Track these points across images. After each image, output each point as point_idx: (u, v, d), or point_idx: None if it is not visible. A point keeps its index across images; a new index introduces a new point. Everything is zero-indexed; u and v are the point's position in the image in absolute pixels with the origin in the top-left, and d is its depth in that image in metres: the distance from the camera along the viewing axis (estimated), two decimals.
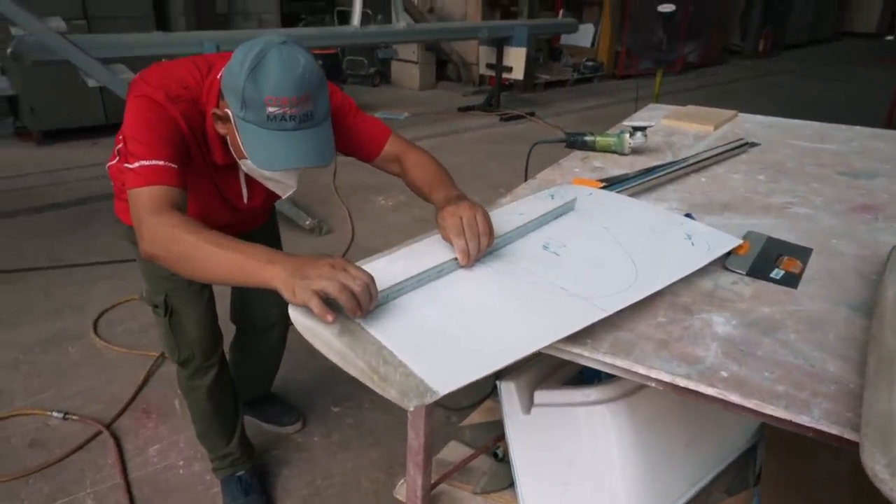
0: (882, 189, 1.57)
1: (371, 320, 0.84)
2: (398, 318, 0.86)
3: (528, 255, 1.05)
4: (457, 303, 0.91)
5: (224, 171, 1.31)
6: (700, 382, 0.83)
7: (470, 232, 1.01)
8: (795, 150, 1.93)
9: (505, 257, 1.04)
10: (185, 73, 1.19)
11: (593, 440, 1.19)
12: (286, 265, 0.86)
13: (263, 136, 1.07)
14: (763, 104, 6.64)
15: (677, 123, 2.20)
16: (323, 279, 0.82)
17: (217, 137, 1.21)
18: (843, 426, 0.74)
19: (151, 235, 1.00)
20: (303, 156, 1.08)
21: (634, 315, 0.97)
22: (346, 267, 0.86)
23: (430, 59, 7.62)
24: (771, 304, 1.02)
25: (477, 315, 0.88)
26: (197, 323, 1.50)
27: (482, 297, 0.93)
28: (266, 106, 1.03)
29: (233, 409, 1.69)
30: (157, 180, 1.05)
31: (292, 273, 0.84)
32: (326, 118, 1.12)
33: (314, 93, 1.06)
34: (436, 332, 0.84)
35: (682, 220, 1.24)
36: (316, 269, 0.84)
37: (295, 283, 0.83)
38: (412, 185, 1.31)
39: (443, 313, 0.88)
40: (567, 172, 1.69)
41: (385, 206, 3.85)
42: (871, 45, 12.15)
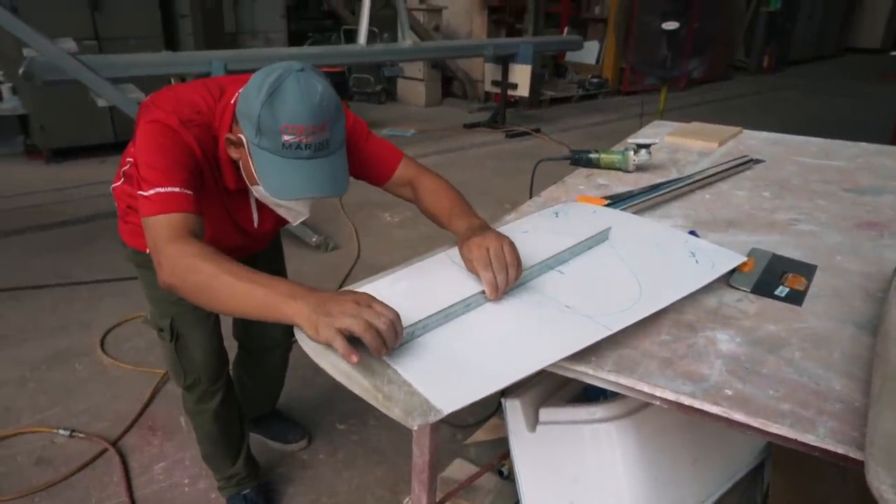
0: (888, 206, 1.57)
1: None
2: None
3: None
4: (457, 321, 0.91)
5: (235, 195, 1.30)
6: (704, 401, 0.82)
7: (498, 264, 0.97)
8: (800, 166, 1.93)
9: None
10: (197, 97, 1.18)
11: (599, 458, 1.18)
12: (309, 301, 0.83)
13: (278, 164, 1.06)
14: (768, 120, 6.65)
15: (681, 140, 2.20)
16: (347, 317, 0.79)
17: (229, 162, 1.21)
18: (848, 445, 0.73)
19: (171, 265, 0.98)
20: (317, 185, 1.07)
21: (639, 333, 0.97)
22: (372, 304, 0.83)
23: (436, 77, 7.68)
24: (776, 322, 1.02)
25: (479, 333, 0.88)
26: (203, 347, 1.49)
27: (483, 315, 0.93)
28: (282, 134, 1.02)
29: (239, 430, 1.69)
30: (173, 208, 1.04)
31: (315, 309, 0.82)
32: (341, 146, 1.11)
33: (331, 121, 1.05)
34: (438, 351, 0.84)
35: (686, 237, 1.24)
36: (340, 305, 0.81)
37: (318, 321, 0.80)
38: (428, 213, 1.28)
39: (443, 331, 0.88)
40: (571, 189, 1.70)
41: (391, 222, 3.87)
42: (875, 61, 12.16)
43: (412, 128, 6.36)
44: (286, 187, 1.08)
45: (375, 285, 1.03)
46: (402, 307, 0.92)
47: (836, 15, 12.62)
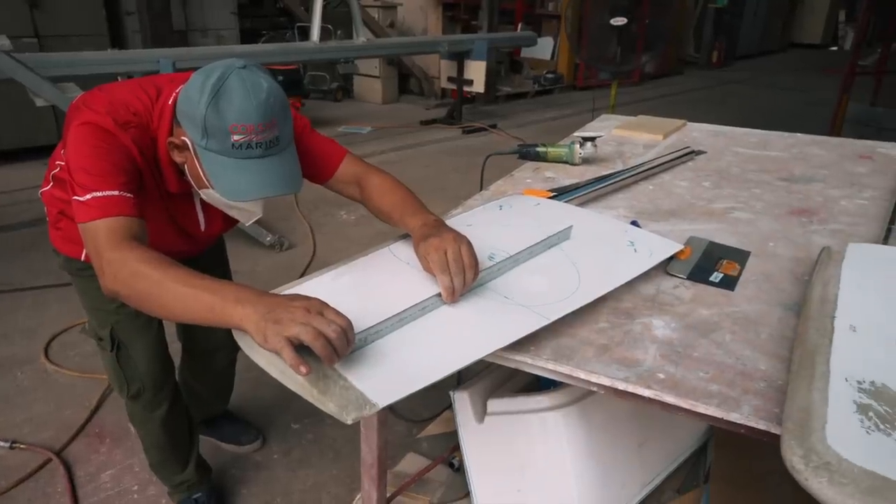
0: (817, 193, 1.64)
1: None
2: None
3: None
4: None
5: (178, 199, 1.26)
6: (638, 385, 0.85)
7: (456, 267, 0.95)
8: (739, 157, 1.99)
9: None
10: (132, 97, 1.14)
11: (546, 446, 1.21)
12: (258, 306, 0.80)
13: (229, 166, 1.03)
14: (717, 112, 6.83)
15: (628, 133, 2.25)
16: (297, 325, 0.76)
17: (171, 165, 1.17)
18: (769, 421, 0.76)
19: (113, 272, 0.94)
20: (272, 184, 1.05)
21: (577, 321, 0.99)
22: (323, 310, 0.80)
23: (393, 74, 7.65)
24: (709, 307, 1.05)
25: (417, 326, 0.89)
26: (146, 355, 1.45)
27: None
28: (231, 134, 0.99)
29: (188, 436, 1.65)
30: (113, 212, 1.00)
31: (264, 316, 0.78)
32: (291, 143, 1.09)
33: (279, 118, 1.03)
34: (376, 345, 0.84)
35: (626, 227, 1.27)
36: (289, 312, 0.78)
37: (267, 328, 0.77)
38: (377, 210, 1.25)
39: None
40: (519, 183, 1.71)
41: (347, 220, 3.84)
42: (816, 56, 12.62)
43: (369, 125, 6.32)
44: (240, 189, 1.05)
45: (318, 280, 1.02)
46: (345, 304, 0.92)
47: (780, 11, 13.04)
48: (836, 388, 0.72)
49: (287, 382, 0.79)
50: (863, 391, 0.71)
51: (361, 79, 7.65)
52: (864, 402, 0.70)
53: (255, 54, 4.68)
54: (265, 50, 5.03)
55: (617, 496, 1.21)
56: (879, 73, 5.40)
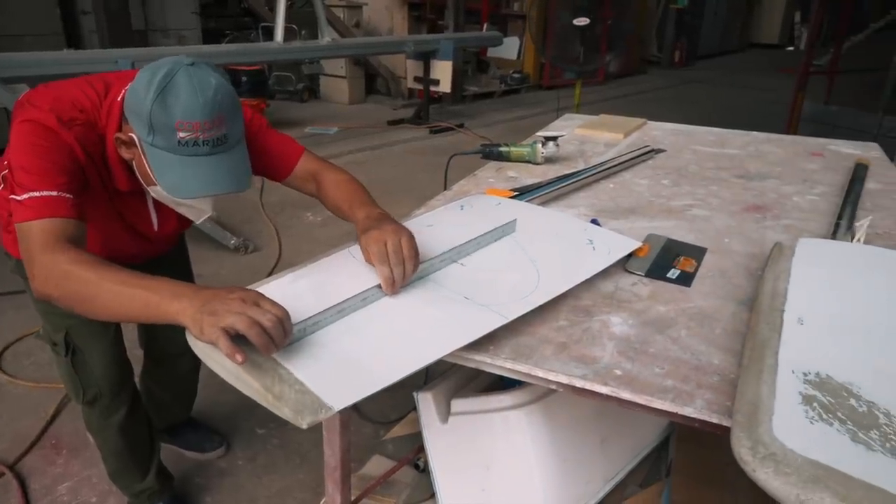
0: (771, 190, 1.68)
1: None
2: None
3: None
4: (355, 316, 0.91)
5: (129, 198, 1.24)
6: (595, 382, 0.86)
7: (395, 258, 0.96)
8: (698, 155, 2.03)
9: None
10: (78, 93, 1.12)
11: (510, 444, 1.21)
12: (194, 300, 0.81)
13: (175, 163, 1.02)
14: (679, 111, 6.96)
15: (590, 132, 2.28)
16: (232, 315, 0.77)
17: (120, 163, 1.15)
18: (722, 415, 0.78)
19: (44, 275, 0.93)
20: (218, 182, 1.04)
21: (537, 320, 0.99)
22: (259, 301, 0.81)
23: (359, 74, 7.60)
24: (666, 303, 1.07)
25: (375, 328, 0.88)
26: (102, 360, 1.41)
27: (381, 310, 0.93)
28: (176, 131, 0.98)
29: (149, 444, 1.61)
30: (48, 212, 0.98)
31: (200, 308, 0.79)
32: (241, 141, 1.08)
33: (228, 115, 1.02)
34: (334, 347, 0.83)
35: (585, 225, 1.28)
36: (225, 304, 0.79)
37: (203, 320, 0.78)
38: (331, 205, 1.26)
39: (340, 328, 0.87)
40: (482, 182, 1.72)
41: (313, 221, 3.81)
42: (774, 55, 12.95)
43: (336, 125, 6.28)
44: (185, 186, 1.04)
45: (277, 283, 1.01)
46: (301, 306, 0.91)
47: (739, 12, 13.35)
48: (783, 380, 0.74)
49: (242, 388, 0.78)
50: (808, 382, 0.73)
51: (328, 79, 7.59)
52: (809, 393, 0.71)
53: (218, 55, 4.61)
54: (228, 50, 4.95)
55: (580, 492, 1.22)
56: (832, 73, 5.57)
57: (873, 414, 0.68)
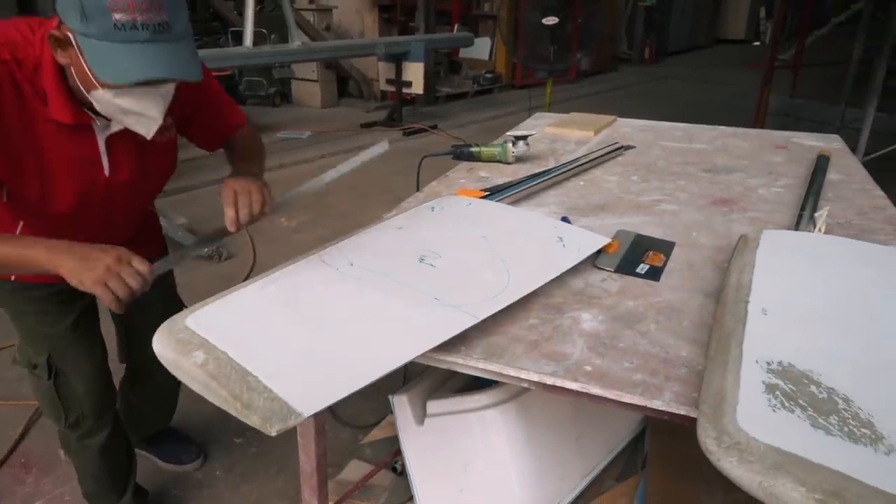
0: (738, 183, 1.71)
1: (236, 347, 0.83)
2: (265, 341, 0.85)
3: (403, 270, 1.06)
4: (325, 321, 0.91)
5: (76, 134, 1.12)
6: (566, 379, 0.86)
7: (242, 202, 1.10)
8: (666, 150, 2.06)
9: (377, 273, 1.05)
10: (9, 28, 1.06)
11: (487, 443, 1.22)
12: (72, 255, 0.98)
13: (111, 51, 0.94)
14: (649, 107, 7.04)
15: (560, 130, 2.29)
16: (104, 270, 0.97)
17: (62, 92, 1.05)
18: (689, 406, 0.79)
19: None
20: (159, 66, 0.95)
21: (508, 319, 1.00)
22: (131, 260, 1.00)
23: (331, 77, 7.56)
24: (635, 298, 1.08)
25: (346, 332, 0.88)
26: (88, 381, 1.38)
27: (352, 313, 0.93)
28: (111, 12, 0.91)
29: (126, 463, 1.58)
30: None
31: (78, 264, 0.97)
32: (187, 37, 1.00)
33: (167, 2, 0.95)
34: (304, 353, 0.83)
35: (555, 223, 1.29)
36: (100, 260, 0.98)
37: (82, 273, 0.96)
38: (227, 153, 1.35)
39: (311, 333, 0.87)
40: (454, 183, 1.72)
41: (288, 226, 3.78)
42: (741, 51, 13.16)
43: (308, 130, 6.23)
44: (123, 71, 0.95)
45: (243, 291, 1.00)
46: (271, 314, 0.90)
47: (706, 8, 13.54)
48: (747, 370, 0.76)
49: (210, 396, 0.78)
50: (771, 371, 0.75)
51: (299, 83, 7.53)
52: (772, 382, 0.73)
53: None
54: None
55: (557, 489, 1.23)
56: (796, 67, 5.68)
57: (832, 400, 0.69)
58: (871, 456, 0.61)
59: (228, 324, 0.89)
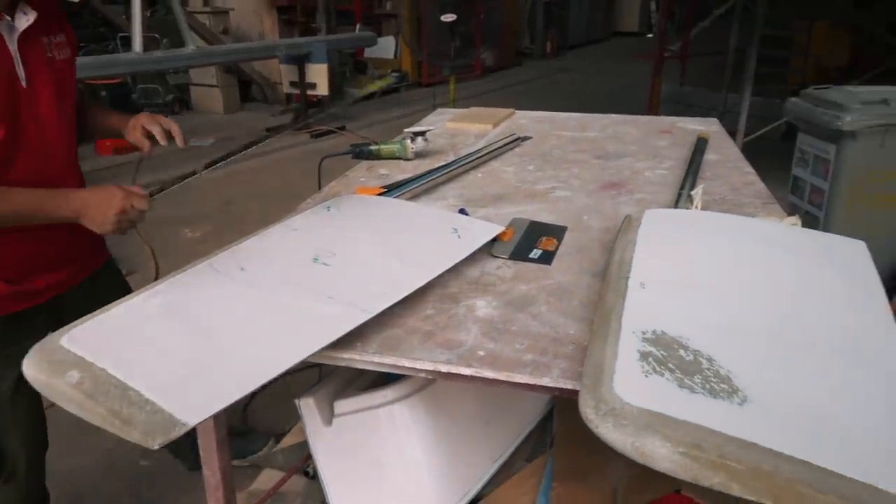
0: (626, 167, 1.79)
1: (117, 362, 0.79)
2: (148, 354, 0.82)
3: (296, 271, 1.05)
4: (213, 328, 0.88)
5: None
6: (459, 365, 0.88)
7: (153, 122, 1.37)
8: (561, 139, 2.13)
9: (269, 276, 1.03)
10: None
11: (396, 438, 1.22)
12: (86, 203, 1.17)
13: None
14: (552, 99, 7.27)
15: (460, 125, 2.33)
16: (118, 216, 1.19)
17: None
18: (575, 381, 0.83)
19: None
20: None
21: (405, 311, 1.01)
22: (133, 201, 1.20)
23: (232, 82, 7.34)
24: (528, 282, 1.12)
25: (234, 338, 0.86)
26: (22, 431, 1.31)
27: (241, 319, 0.91)
28: None
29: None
30: None
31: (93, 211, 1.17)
32: None
33: None
34: (190, 363, 0.81)
35: (450, 215, 1.31)
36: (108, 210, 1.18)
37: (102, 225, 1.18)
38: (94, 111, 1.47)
39: (197, 342, 0.85)
40: (353, 182, 1.72)
41: (192, 238, 3.64)
42: (636, 43, 13.80)
43: (211, 137, 6.02)
44: None
45: (127, 305, 0.96)
46: (156, 326, 0.87)
47: (601, 3, 14.12)
48: (625, 341, 0.80)
49: (87, 417, 0.74)
50: (646, 340, 0.79)
51: (198, 89, 7.26)
52: (646, 349, 0.77)
53: None
54: (82, 63, 4.59)
55: (467, 476, 1.25)
56: (683, 57, 6.03)
57: (698, 361, 0.74)
58: (728, 408, 0.66)
59: (109, 339, 0.85)
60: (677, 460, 0.61)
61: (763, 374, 0.72)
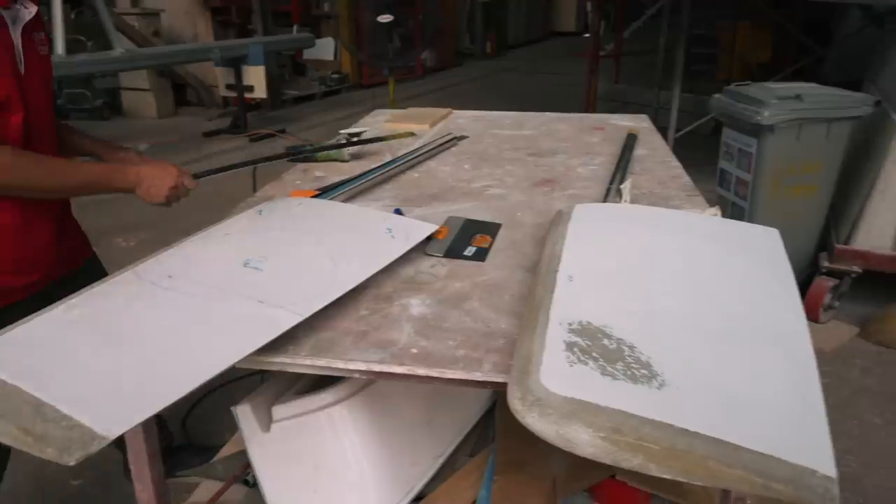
0: (560, 164, 1.83)
1: (31, 379, 0.76)
2: (67, 368, 0.79)
3: (226, 277, 1.03)
4: (136, 338, 0.86)
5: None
6: (392, 364, 0.88)
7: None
8: (497, 138, 2.16)
9: (197, 283, 1.01)
10: None
11: (337, 441, 1.21)
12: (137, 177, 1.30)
13: None
14: (492, 99, 7.34)
15: (397, 125, 2.32)
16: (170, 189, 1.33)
17: None
18: (506, 374, 0.84)
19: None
20: None
21: (339, 314, 1.00)
22: (183, 179, 1.37)
23: (166, 85, 7.11)
24: (462, 279, 1.13)
25: (159, 347, 0.84)
26: None
27: (166, 327, 0.89)
28: None
29: None
30: None
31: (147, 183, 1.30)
32: None
33: None
34: (112, 374, 0.78)
35: (384, 215, 1.31)
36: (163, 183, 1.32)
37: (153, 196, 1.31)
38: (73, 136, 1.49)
39: (120, 353, 0.82)
40: (288, 185, 1.70)
41: (126, 247, 3.52)
42: (574, 42, 14.09)
43: (145, 142, 5.81)
44: None
45: (47, 317, 0.92)
46: (73, 339, 0.84)
47: (539, 3, 14.34)
48: (552, 332, 0.82)
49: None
50: (572, 331, 0.82)
51: (130, 93, 7.01)
52: (572, 340, 0.79)
53: None
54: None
55: (410, 474, 1.26)
56: (617, 56, 6.19)
57: (620, 349, 0.77)
58: (647, 392, 0.69)
59: (23, 355, 0.81)
60: (599, 445, 0.63)
61: (680, 359, 0.76)
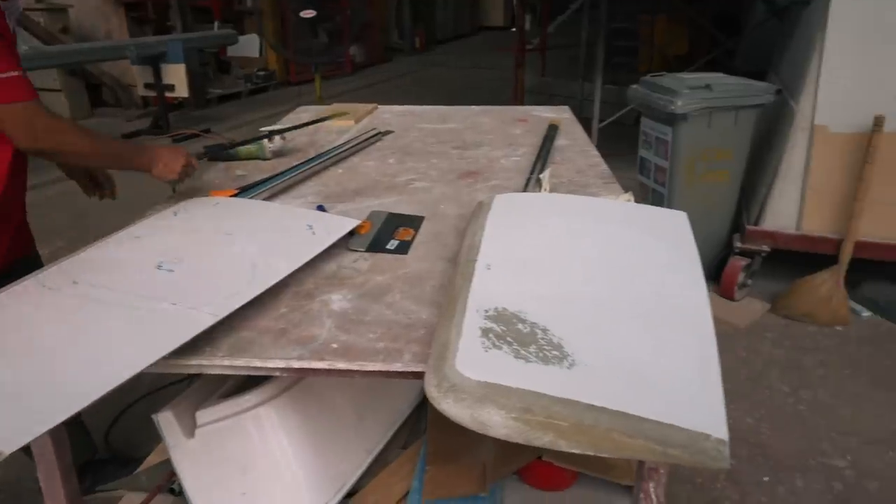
0: (483, 156, 1.86)
1: None
2: None
3: (137, 280, 0.99)
4: (37, 348, 0.82)
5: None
6: (311, 360, 0.88)
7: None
8: (423, 132, 2.17)
9: (105, 288, 0.97)
10: None
11: (264, 441, 1.20)
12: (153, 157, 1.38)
13: None
14: (420, 93, 7.35)
15: (322, 122, 2.30)
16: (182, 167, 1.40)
17: None
18: (426, 363, 0.85)
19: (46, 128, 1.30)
20: None
21: (257, 313, 0.99)
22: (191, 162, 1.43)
23: (78, 85, 6.75)
24: (384, 273, 1.13)
25: (61, 356, 0.80)
26: None
27: (70, 336, 0.85)
28: None
29: None
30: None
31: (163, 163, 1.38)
32: None
33: None
34: (9, 386, 0.74)
35: (305, 212, 1.30)
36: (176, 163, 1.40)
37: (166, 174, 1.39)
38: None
39: (18, 364, 0.78)
40: (207, 185, 1.65)
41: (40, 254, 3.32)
42: (502, 37, 14.26)
43: None
44: None
45: None
46: None
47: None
48: (469, 320, 0.83)
49: None
50: (488, 318, 0.83)
51: (39, 93, 6.60)
52: (488, 326, 0.81)
53: None
54: None
55: (342, 471, 1.25)
56: (542, 50, 6.31)
57: (534, 332, 0.79)
58: (558, 372, 0.71)
59: None
60: (511, 425, 0.65)
61: (590, 339, 0.78)
